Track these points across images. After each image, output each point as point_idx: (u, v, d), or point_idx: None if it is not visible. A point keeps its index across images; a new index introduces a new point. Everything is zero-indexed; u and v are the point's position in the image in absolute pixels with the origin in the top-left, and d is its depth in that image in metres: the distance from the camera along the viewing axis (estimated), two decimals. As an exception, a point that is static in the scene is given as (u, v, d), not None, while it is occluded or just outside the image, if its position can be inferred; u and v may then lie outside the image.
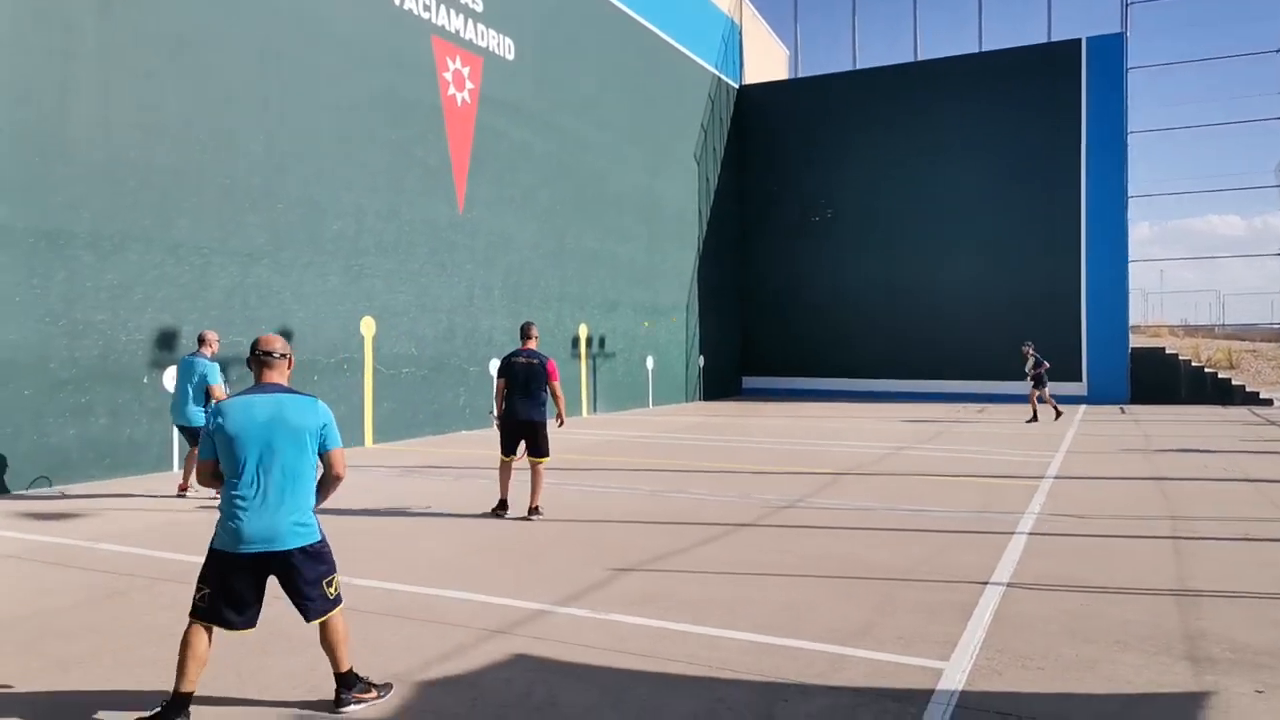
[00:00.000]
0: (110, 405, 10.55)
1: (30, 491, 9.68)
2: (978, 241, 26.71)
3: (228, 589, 3.84)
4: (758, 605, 5.56)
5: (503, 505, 8.55)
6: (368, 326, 14.38)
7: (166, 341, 11.19)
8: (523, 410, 8.44)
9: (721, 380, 27.91)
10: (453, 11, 16.41)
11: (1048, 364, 19.15)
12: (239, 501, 3.83)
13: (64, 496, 9.48)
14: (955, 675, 4.37)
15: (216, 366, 9.06)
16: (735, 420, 20.10)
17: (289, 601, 4.04)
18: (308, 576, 3.93)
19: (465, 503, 9.29)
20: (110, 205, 10.62)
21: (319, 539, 4.02)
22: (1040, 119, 25.91)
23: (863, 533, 7.85)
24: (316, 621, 3.99)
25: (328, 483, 4.14)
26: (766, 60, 32.76)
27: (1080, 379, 25.39)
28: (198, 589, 3.87)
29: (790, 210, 29.20)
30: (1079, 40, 25.70)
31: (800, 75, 31.04)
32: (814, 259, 28.82)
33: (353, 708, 3.97)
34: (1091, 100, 25.48)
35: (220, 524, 3.88)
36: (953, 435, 16.50)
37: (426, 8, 15.78)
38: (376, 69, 14.62)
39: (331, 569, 4.05)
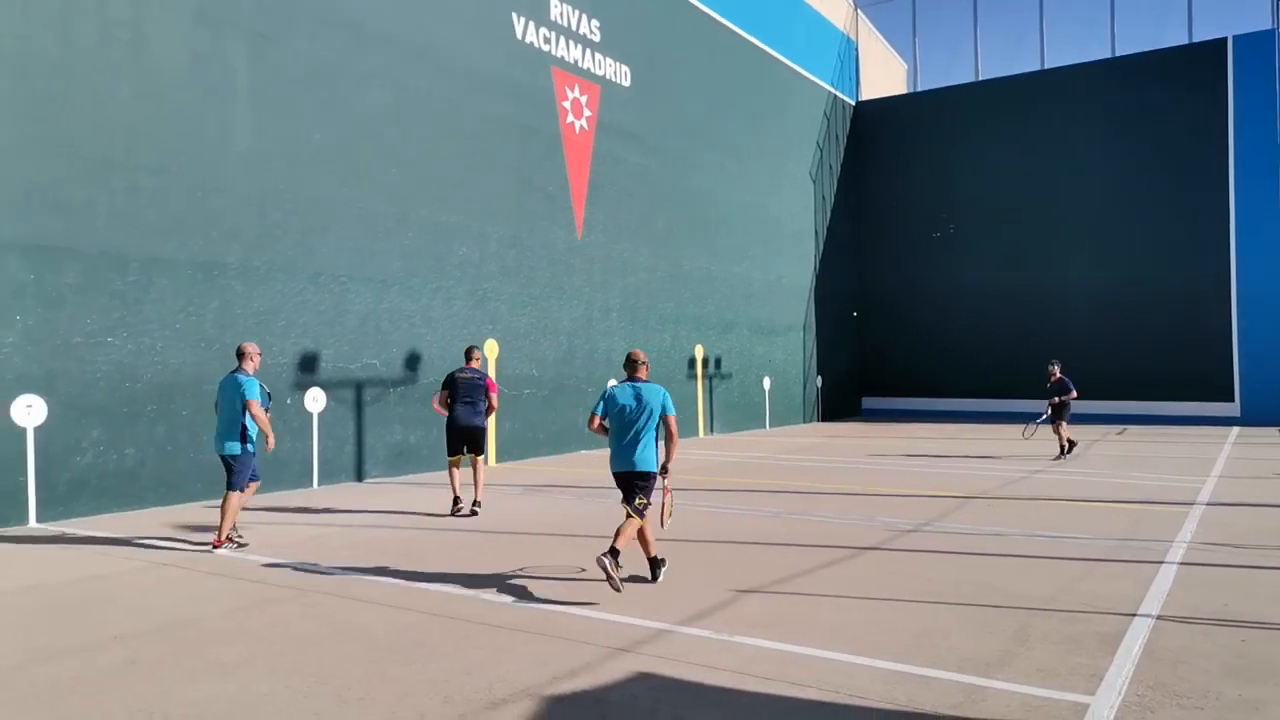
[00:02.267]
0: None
1: (188, 504, 10.38)
2: (1110, 253, 25.43)
3: (622, 488, 6.69)
4: (888, 631, 5.41)
5: (457, 502, 9.72)
6: (491, 349, 14.82)
7: (308, 365, 11.83)
8: (464, 418, 9.73)
9: (840, 401, 27.40)
10: (571, 42, 16.86)
11: (1076, 393, 15.85)
12: (615, 444, 6.67)
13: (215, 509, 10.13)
14: (1103, 711, 4.14)
15: (256, 383, 8.03)
16: (855, 441, 19.67)
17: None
18: (642, 488, 6.58)
19: (587, 521, 9.41)
20: (259, 236, 11.35)
21: (652, 471, 6.64)
22: (1180, 120, 24.56)
23: (996, 559, 7.54)
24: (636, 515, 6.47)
25: (670, 435, 6.72)
26: (884, 75, 32.23)
27: (1231, 398, 23.72)
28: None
29: (910, 226, 28.53)
30: (1224, 39, 24.24)
31: (919, 89, 30.37)
32: (936, 276, 28.03)
33: (662, 574, 6.70)
34: (1240, 99, 23.95)
35: (610, 457, 6.75)
36: (1090, 458, 15.67)
37: (547, 40, 16.26)
38: (500, 99, 15.14)
39: (650, 489, 6.64)
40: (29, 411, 9.03)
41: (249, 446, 7.97)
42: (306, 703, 4.29)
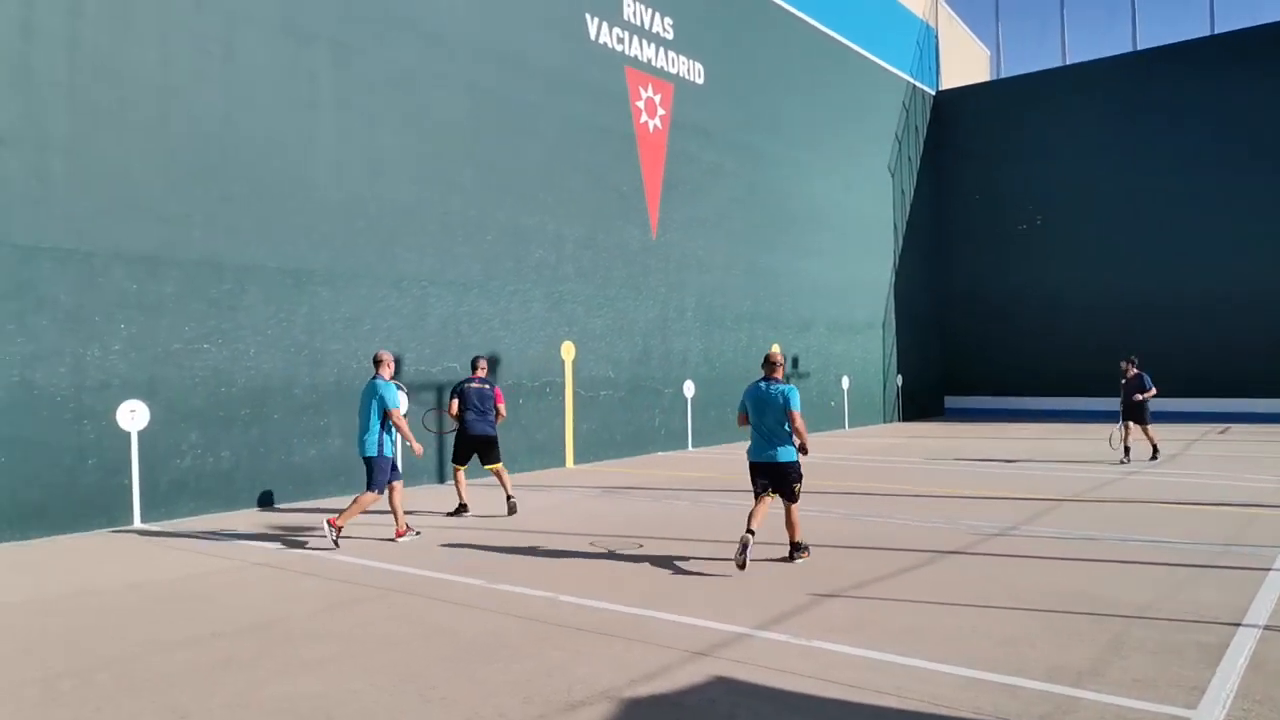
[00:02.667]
0: (344, 427, 11.55)
1: (281, 505, 10.77)
2: (1211, 245, 24.24)
3: (754, 479, 7.48)
4: (971, 638, 5.27)
5: (462, 508, 9.92)
6: (568, 350, 14.96)
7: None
8: (474, 427, 9.88)
9: (922, 400, 26.81)
10: (644, 41, 16.89)
11: (1155, 390, 14.57)
12: (755, 436, 7.44)
13: (304, 511, 10.48)
14: (1205, 727, 3.96)
15: (394, 388, 8.44)
16: (937, 442, 19.22)
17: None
18: (788, 475, 7.38)
19: (664, 522, 9.43)
20: (345, 243, 11.69)
21: (792, 460, 7.36)
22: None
23: (1088, 564, 7.27)
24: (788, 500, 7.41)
25: (796, 426, 7.29)
26: (966, 63, 31.37)
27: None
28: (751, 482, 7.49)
29: (995, 219, 27.73)
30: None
31: (1003, 75, 29.48)
32: (1022, 269, 27.19)
33: (799, 560, 7.47)
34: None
35: (749, 448, 7.56)
36: (1190, 459, 14.99)
37: (620, 40, 16.34)
38: (574, 101, 15.27)
39: (796, 476, 7.42)
40: (133, 416, 9.49)
41: (385, 450, 8.33)
42: (390, 700, 4.40)
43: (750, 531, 7.04)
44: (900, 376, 25.69)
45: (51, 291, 9.00)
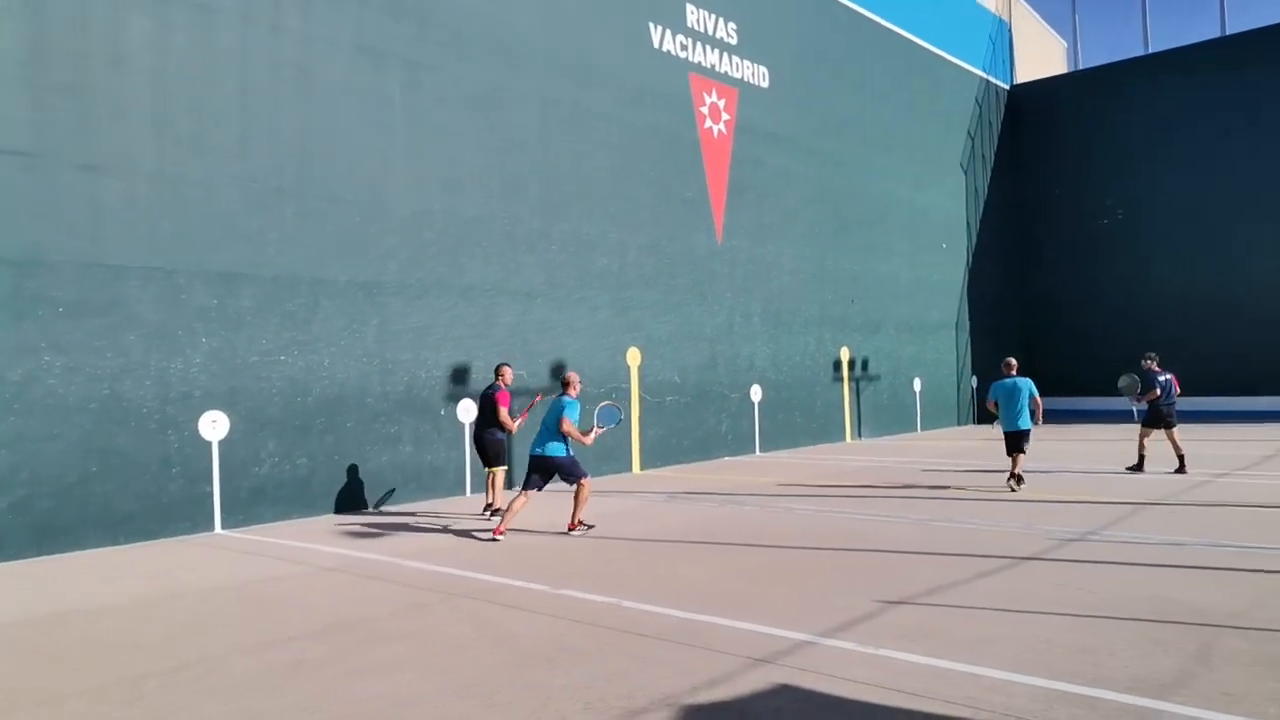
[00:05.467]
0: (415, 434, 11.79)
1: (355, 512, 11.04)
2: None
3: (1010, 440, 11.77)
4: (1046, 647, 5.09)
5: (487, 507, 10.39)
6: (633, 357, 14.99)
7: (459, 377, 12.34)
8: (476, 432, 10.65)
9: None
10: (708, 47, 16.86)
11: (1158, 391, 12.80)
12: (1005, 414, 11.73)
13: (381, 512, 10.72)
14: (1299, 744, 3.74)
15: (576, 405, 9.19)
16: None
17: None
18: (1023, 436, 11.60)
19: (730, 528, 9.35)
20: (414, 255, 11.95)
21: (1028, 428, 11.55)
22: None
23: (1173, 570, 6.95)
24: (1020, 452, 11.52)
25: (1036, 407, 11.69)
26: (1041, 55, 30.49)
27: None
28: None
29: (1074, 214, 26.87)
30: None
31: (1080, 68, 28.55)
32: (1104, 266, 26.27)
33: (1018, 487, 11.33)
34: None
35: (1001, 421, 11.77)
36: (1287, 460, 14.24)
37: (684, 47, 16.35)
38: (639, 109, 15.33)
39: (1027, 437, 11.64)
40: (214, 426, 9.85)
41: (569, 450, 9.15)
42: (456, 704, 4.45)
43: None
44: (975, 378, 25.04)
45: (137, 308, 9.41)
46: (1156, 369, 13.09)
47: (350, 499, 11.10)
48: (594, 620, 5.88)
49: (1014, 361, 12.21)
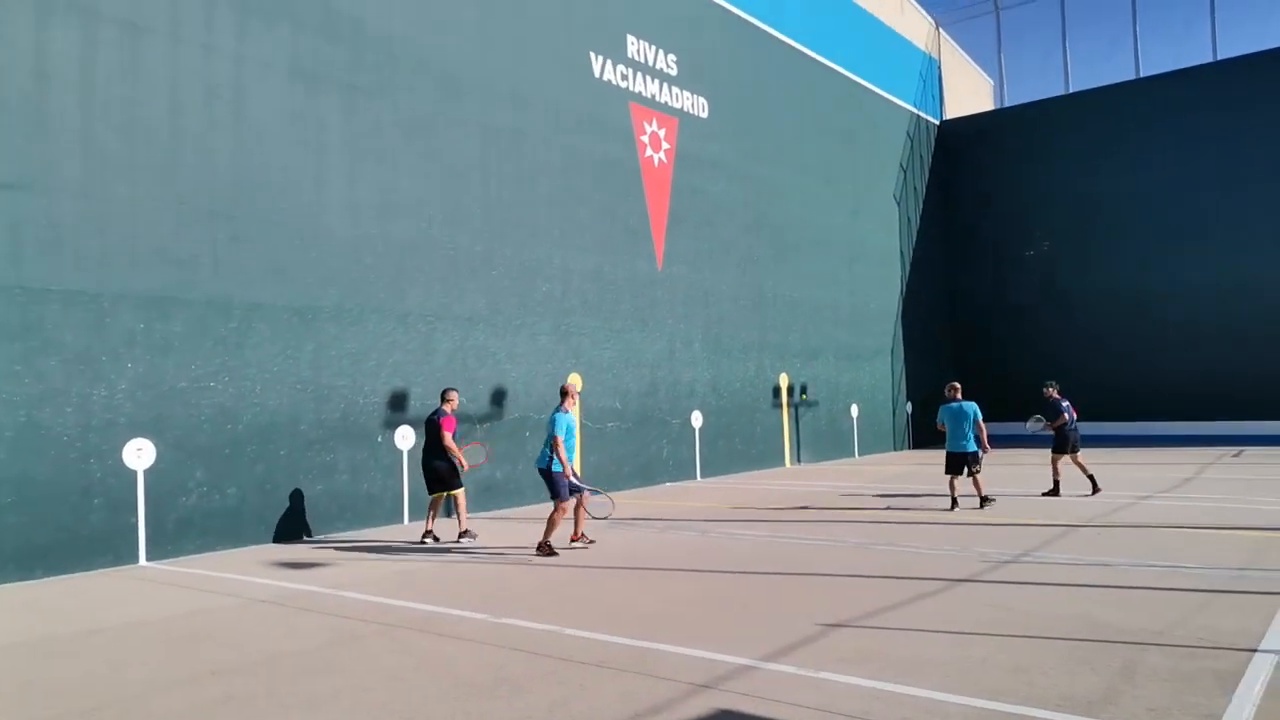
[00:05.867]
0: (350, 462, 11.55)
1: (286, 543, 10.74)
2: (1221, 265, 24.20)
3: (952, 462, 12.33)
4: (981, 667, 5.18)
5: (426, 535, 10.32)
6: (575, 382, 14.95)
7: (397, 403, 12.16)
8: (423, 458, 10.44)
9: (933, 427, 26.59)
10: (648, 78, 17.07)
11: (1066, 417, 13.39)
12: (950, 437, 12.33)
13: (314, 543, 10.45)
14: (1220, 756, 3.86)
15: (563, 420, 9.50)
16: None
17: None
18: (970, 460, 12.12)
19: (672, 554, 9.35)
20: (353, 280, 11.77)
21: (972, 450, 12.07)
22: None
23: (1101, 590, 7.16)
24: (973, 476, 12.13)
25: (980, 433, 12.17)
26: (969, 93, 31.58)
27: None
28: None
29: (1002, 245, 27.77)
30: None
31: (1006, 104, 29.65)
32: (1031, 295, 27.16)
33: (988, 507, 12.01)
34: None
35: (947, 443, 12.29)
36: (1203, 483, 14.81)
37: (624, 77, 16.52)
38: (580, 137, 15.42)
39: (977, 459, 12.15)
40: (139, 454, 9.52)
41: (555, 466, 9.36)
42: (391, 738, 4.34)
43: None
44: (910, 404, 25.57)
45: (58, 332, 9.07)
46: (1058, 396, 13.73)
47: (283, 529, 10.81)
48: (535, 649, 5.81)
49: (958, 385, 12.84)
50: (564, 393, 9.85)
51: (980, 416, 12.22)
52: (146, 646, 6.19)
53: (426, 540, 10.23)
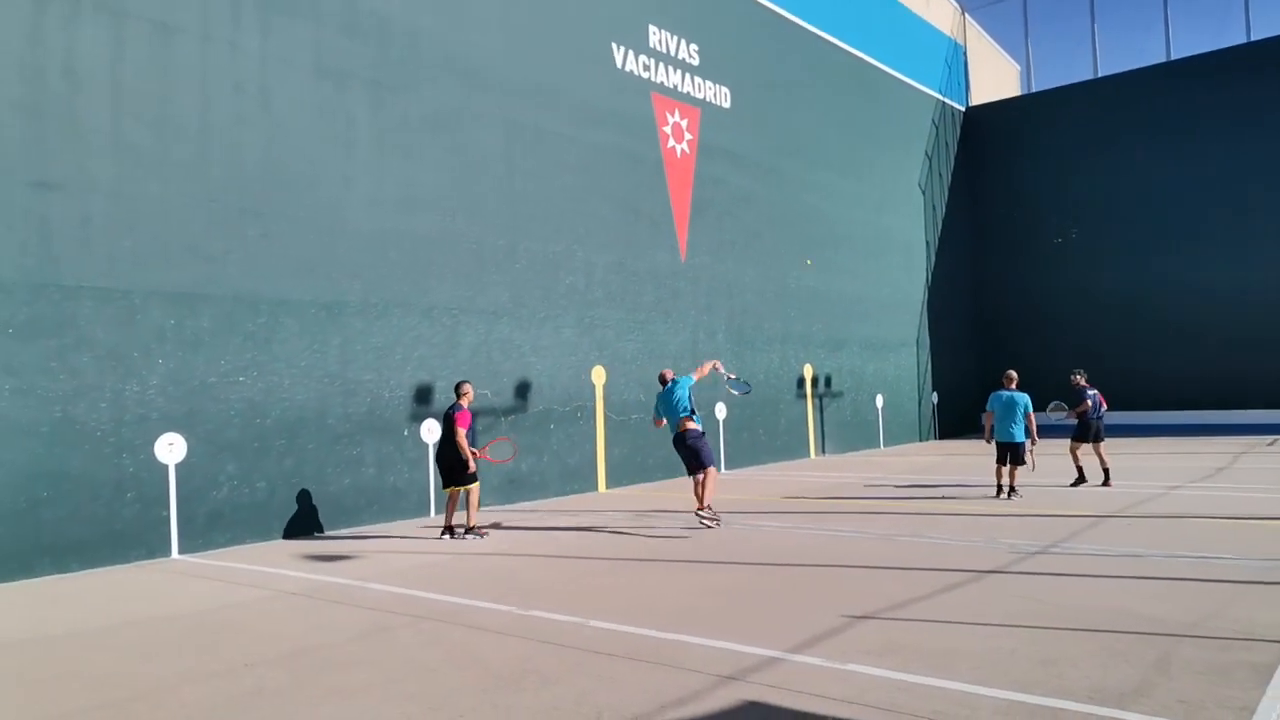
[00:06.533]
0: (377, 456, 11.65)
1: (315, 535, 10.86)
2: (1254, 251, 23.78)
3: (1002, 450, 12.32)
4: (1010, 659, 5.14)
5: (446, 530, 10.22)
6: (599, 375, 14.98)
7: (423, 397, 12.24)
8: (442, 453, 10.29)
9: (959, 417, 26.41)
10: (670, 68, 17.02)
11: (1089, 404, 13.33)
12: (1000, 426, 12.32)
13: (334, 538, 10.56)
14: (1256, 750, 3.81)
15: (688, 380, 10.94)
16: (974, 459, 18.88)
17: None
18: (1017, 450, 12.17)
19: (697, 546, 9.35)
20: (378, 275, 11.85)
21: (1021, 441, 12.15)
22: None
23: (1132, 582, 7.07)
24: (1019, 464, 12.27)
25: (1029, 423, 12.22)
26: (995, 78, 31.18)
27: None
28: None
29: (1028, 233, 27.44)
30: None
31: (1033, 90, 29.25)
32: (1059, 283, 26.82)
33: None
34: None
35: (996, 432, 12.33)
36: (1236, 472, 14.59)
37: (646, 67, 16.47)
38: (603, 129, 15.41)
39: (1022, 450, 12.14)
40: (171, 449, 9.65)
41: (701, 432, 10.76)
42: (420, 729, 4.38)
43: None
44: (936, 394, 25.37)
45: (91, 329, 9.21)
46: (1084, 384, 13.67)
47: (312, 522, 10.93)
48: (562, 641, 5.84)
49: (1014, 375, 12.86)
50: (663, 379, 11.10)
51: (1031, 408, 12.25)
52: (179, 638, 6.28)
53: (445, 537, 10.21)
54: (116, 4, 9.57)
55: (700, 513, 10.37)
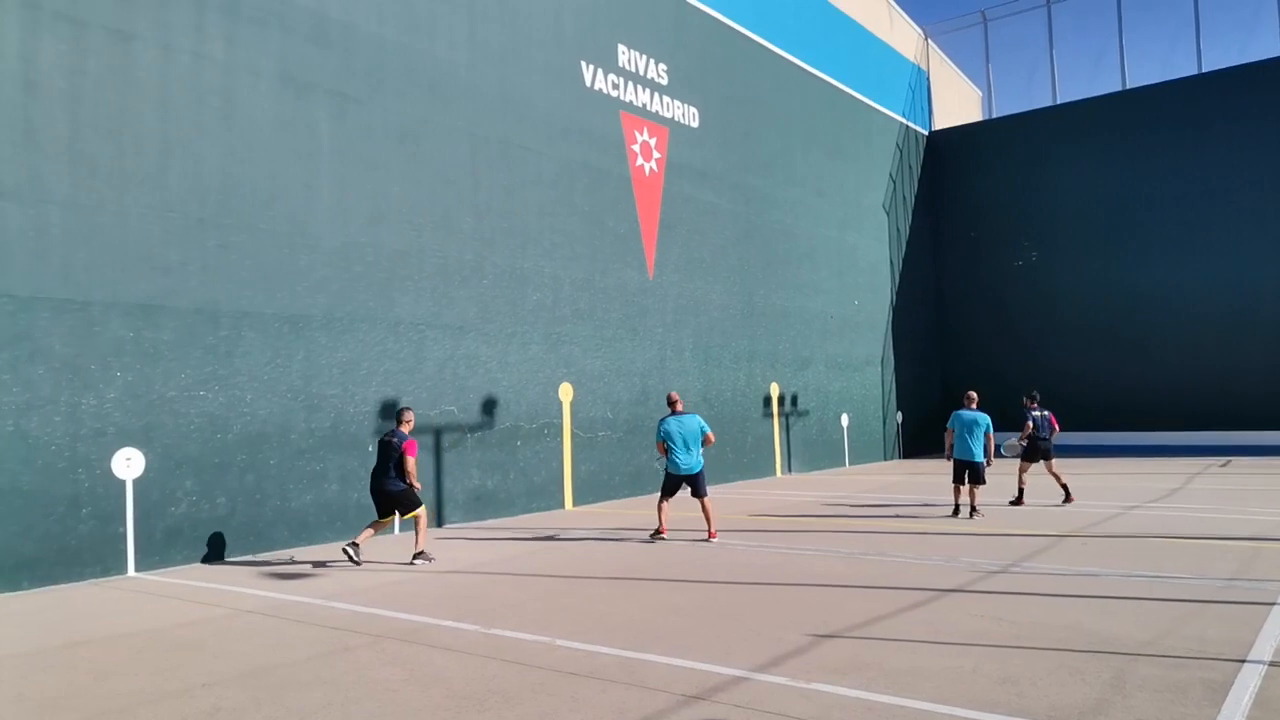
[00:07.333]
0: (341, 472, 11.51)
1: (275, 552, 10.68)
2: (1208, 275, 24.38)
3: (960, 470, 12.37)
4: (971, 678, 5.20)
5: (355, 547, 9.67)
6: (566, 392, 14.95)
7: (388, 412, 12.11)
8: (374, 482, 9.79)
9: (923, 436, 26.68)
10: (639, 87, 17.13)
11: (1030, 424, 13.52)
12: (959, 446, 12.47)
13: (293, 561, 10.39)
14: (1209, 767, 3.88)
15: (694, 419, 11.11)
16: (937, 479, 19.08)
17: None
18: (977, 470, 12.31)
19: (663, 564, 9.34)
20: (343, 288, 11.75)
21: (979, 461, 12.30)
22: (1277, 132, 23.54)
23: (1089, 601, 7.19)
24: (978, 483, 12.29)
25: (987, 443, 12.41)
26: (958, 103, 31.79)
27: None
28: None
29: (991, 254, 27.93)
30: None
31: (995, 115, 29.87)
32: (1020, 304, 27.29)
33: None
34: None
35: (954, 453, 12.47)
36: (1190, 493, 14.89)
37: (615, 86, 16.56)
38: (571, 146, 15.45)
39: (982, 470, 12.34)
40: (128, 464, 9.46)
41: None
42: (382, 751, 4.32)
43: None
44: (900, 413, 25.63)
45: (47, 341, 9.03)
46: (1034, 406, 13.91)
47: (273, 539, 10.75)
48: (526, 660, 5.80)
49: (975, 395, 13.12)
50: (672, 402, 11.22)
51: (991, 429, 12.50)
52: (134, 658, 6.14)
53: (349, 551, 9.53)
54: (76, 12, 9.45)
55: (713, 538, 10.81)
